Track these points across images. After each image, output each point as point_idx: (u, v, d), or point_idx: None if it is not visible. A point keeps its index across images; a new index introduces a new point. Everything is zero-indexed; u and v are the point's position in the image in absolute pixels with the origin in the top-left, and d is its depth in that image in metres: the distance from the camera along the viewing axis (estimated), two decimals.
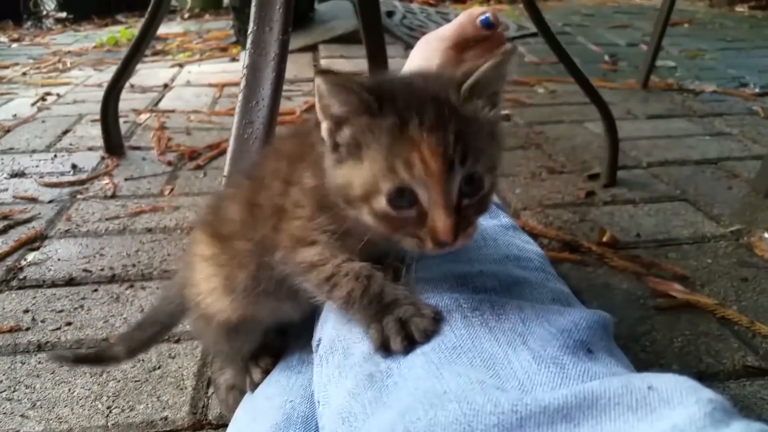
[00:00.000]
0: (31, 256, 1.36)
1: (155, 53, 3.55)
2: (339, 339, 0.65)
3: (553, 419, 0.44)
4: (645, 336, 1.15)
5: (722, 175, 1.87)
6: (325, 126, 0.60)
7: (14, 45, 3.99)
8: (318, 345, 0.69)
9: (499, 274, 0.70)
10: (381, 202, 0.57)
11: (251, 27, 1.19)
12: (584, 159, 1.95)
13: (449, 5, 5.17)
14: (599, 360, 0.55)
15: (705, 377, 1.05)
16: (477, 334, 0.58)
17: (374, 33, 1.77)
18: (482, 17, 1.16)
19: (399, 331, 0.59)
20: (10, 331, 1.10)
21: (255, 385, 0.80)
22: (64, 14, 4.94)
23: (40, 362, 1.04)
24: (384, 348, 0.59)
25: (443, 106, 0.57)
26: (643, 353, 1.11)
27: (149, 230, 1.48)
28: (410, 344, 0.58)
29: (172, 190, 1.70)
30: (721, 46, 3.70)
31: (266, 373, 0.81)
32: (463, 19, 1.19)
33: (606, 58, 3.39)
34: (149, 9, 1.81)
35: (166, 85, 2.83)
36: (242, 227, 0.73)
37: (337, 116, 0.59)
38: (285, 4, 1.18)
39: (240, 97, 1.16)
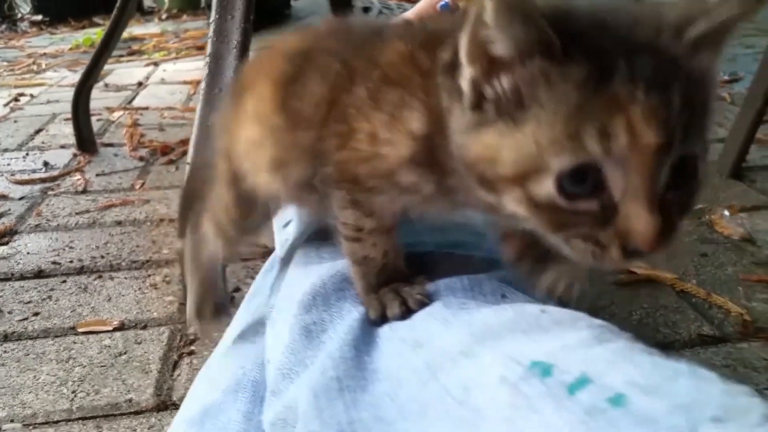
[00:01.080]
0: (0, 250, 1.37)
1: (131, 53, 3.55)
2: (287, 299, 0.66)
3: (454, 358, 0.46)
4: (604, 310, 1.18)
5: None
6: (469, 73, 0.44)
7: None
8: (271, 310, 0.70)
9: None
10: (546, 186, 0.41)
11: (213, 16, 1.21)
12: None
13: None
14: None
15: (661, 346, 1.07)
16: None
17: None
18: (442, 3, 1.19)
19: (396, 297, 0.57)
20: None
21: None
22: (39, 17, 4.92)
23: (5, 351, 1.05)
24: (382, 318, 0.57)
25: (663, 56, 0.41)
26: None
27: (119, 223, 1.49)
28: (407, 310, 0.56)
29: (143, 184, 1.72)
30: None
31: None
32: (422, 5, 1.21)
33: None
34: (116, 8, 1.83)
35: (140, 84, 2.84)
36: (313, 115, 0.59)
37: (499, 57, 0.42)
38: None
39: (203, 84, 1.18)
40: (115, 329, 1.10)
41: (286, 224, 0.90)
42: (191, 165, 1.13)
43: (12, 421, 0.90)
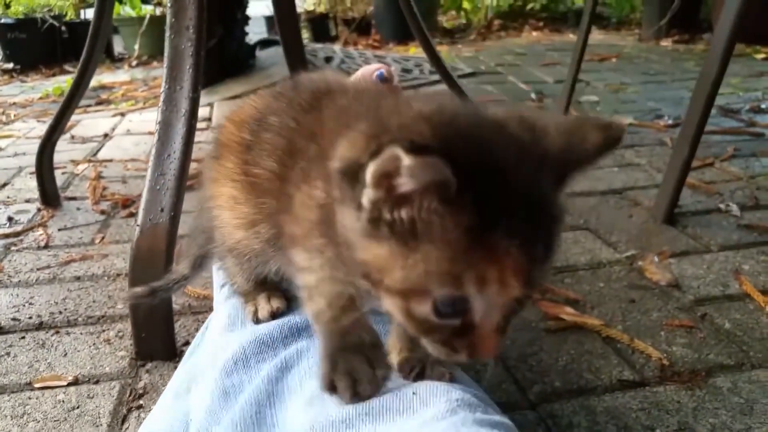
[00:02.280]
0: None
1: (99, 102, 3.63)
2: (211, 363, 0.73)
3: (337, 427, 0.54)
4: (532, 356, 1.26)
5: (625, 204, 2.01)
6: (372, 194, 0.47)
7: None
8: (196, 372, 0.77)
9: None
10: (425, 307, 0.49)
11: (163, 86, 1.29)
12: None
13: (392, 48, 5.35)
14: None
15: (584, 392, 1.16)
16: None
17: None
18: (377, 72, 1.28)
19: (348, 387, 0.59)
20: None
21: (258, 320, 0.81)
22: (11, 65, 4.99)
23: None
24: (330, 389, 0.60)
25: (540, 203, 0.48)
26: (529, 373, 1.21)
27: (78, 278, 1.55)
28: (355, 396, 0.58)
29: (102, 238, 1.78)
30: (643, 80, 3.91)
31: (273, 316, 0.81)
32: (360, 74, 1.31)
33: (532, 95, 3.56)
34: (80, 62, 1.91)
35: (106, 135, 2.91)
36: (270, 185, 0.66)
37: (400, 196, 0.46)
38: (194, 65, 1.29)
39: (153, 150, 1.26)
40: (69, 384, 1.16)
41: (223, 285, 0.97)
42: (140, 228, 1.20)
43: None
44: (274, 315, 0.82)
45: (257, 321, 0.81)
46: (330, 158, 0.51)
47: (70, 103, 1.97)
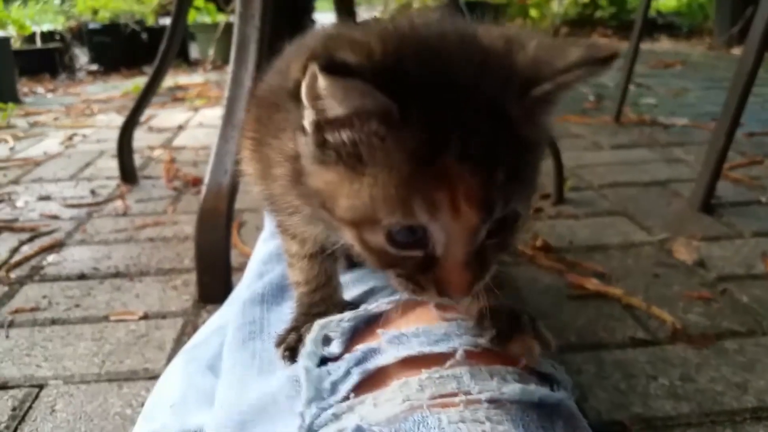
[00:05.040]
0: (50, 258, 1.63)
1: (175, 99, 3.88)
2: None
3: None
4: (552, 317, 1.36)
5: (666, 194, 2.09)
6: (309, 115, 0.45)
7: (49, 95, 4.36)
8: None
9: None
10: (377, 237, 0.45)
11: (231, 67, 1.46)
12: (541, 183, 2.18)
13: None
14: None
15: (596, 347, 1.26)
16: None
17: None
18: None
19: (287, 349, 0.59)
20: (31, 310, 1.36)
21: None
22: (95, 66, 5.36)
23: (53, 331, 1.29)
24: (278, 346, 0.61)
25: (498, 123, 0.43)
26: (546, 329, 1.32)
27: (151, 239, 1.74)
28: (290, 359, 0.58)
29: (174, 209, 1.97)
30: (706, 86, 3.91)
31: None
32: None
33: (590, 97, 3.63)
34: (157, 60, 2.12)
35: (180, 127, 3.14)
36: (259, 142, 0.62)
37: (335, 119, 0.44)
38: (258, 49, 1.45)
39: (221, 122, 1.43)
40: (140, 318, 1.33)
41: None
42: (207, 187, 1.38)
43: (56, 379, 1.14)
44: None
45: None
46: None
47: (146, 95, 2.19)
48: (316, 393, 0.49)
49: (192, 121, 3.27)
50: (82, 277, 1.53)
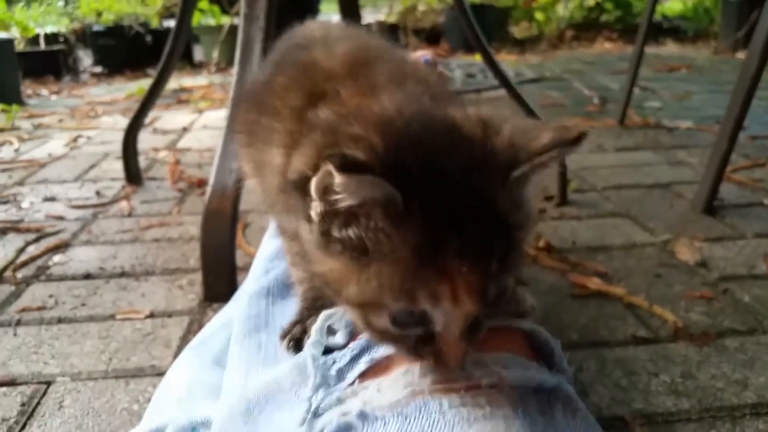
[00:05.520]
0: (56, 258, 1.64)
1: (180, 101, 3.90)
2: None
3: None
4: (554, 316, 1.37)
5: (669, 196, 2.09)
6: (316, 207, 0.47)
7: (54, 97, 4.38)
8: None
9: None
10: (381, 319, 0.48)
11: (235, 67, 1.48)
12: (545, 185, 2.19)
13: (460, 56, 5.50)
14: None
15: (597, 345, 1.27)
16: None
17: None
18: (424, 57, 1.44)
19: (292, 340, 0.61)
20: (38, 309, 1.38)
21: None
22: (99, 69, 5.38)
23: (60, 330, 1.30)
24: (282, 338, 0.63)
25: (489, 213, 0.46)
26: (548, 328, 1.33)
27: (156, 240, 1.76)
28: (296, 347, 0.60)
29: (179, 210, 1.99)
30: (711, 89, 3.92)
31: None
32: None
33: (595, 100, 3.64)
34: (161, 62, 2.14)
35: (185, 128, 3.16)
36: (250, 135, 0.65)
37: (343, 211, 0.46)
38: (262, 49, 1.46)
39: (225, 124, 1.44)
40: (146, 317, 1.35)
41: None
42: (212, 187, 1.39)
43: (63, 375, 1.15)
44: None
45: None
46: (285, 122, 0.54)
47: (151, 96, 2.20)
48: (322, 380, 0.50)
49: (196, 123, 3.29)
50: (88, 276, 1.54)
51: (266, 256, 0.90)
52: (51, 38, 5.36)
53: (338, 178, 0.42)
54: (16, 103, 3.69)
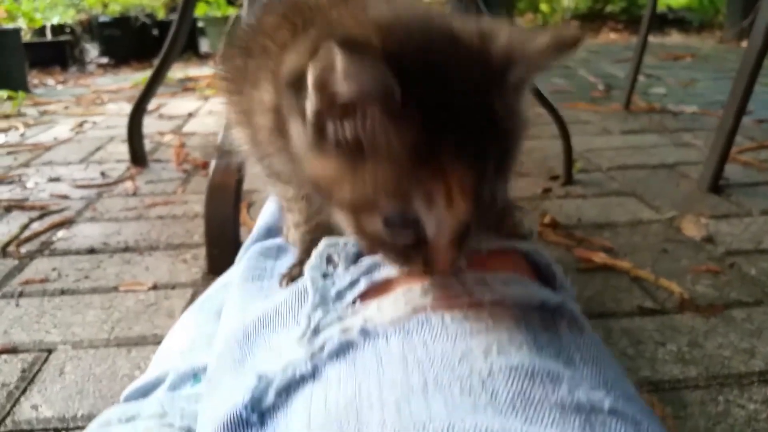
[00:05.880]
0: (60, 233, 1.64)
1: (185, 89, 3.90)
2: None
3: None
4: None
5: (674, 176, 2.08)
6: (314, 103, 0.45)
7: (60, 86, 4.38)
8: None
9: None
10: (374, 223, 0.47)
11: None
12: (551, 165, 2.18)
13: None
14: None
15: (604, 316, 1.26)
16: None
17: None
18: None
19: (291, 278, 0.60)
20: (41, 281, 1.38)
21: None
22: (105, 60, 5.38)
23: (62, 301, 1.30)
24: (280, 284, 0.61)
25: (486, 115, 0.45)
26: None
27: (160, 217, 1.75)
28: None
29: (183, 190, 1.99)
30: (715, 76, 3.89)
31: None
32: None
33: (600, 87, 3.62)
34: (167, 43, 2.13)
35: (190, 114, 3.16)
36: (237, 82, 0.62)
37: (341, 101, 0.44)
38: None
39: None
40: (150, 289, 1.34)
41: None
42: (215, 162, 1.39)
43: (65, 344, 1.15)
44: None
45: None
46: (276, 57, 0.52)
47: (159, 72, 2.20)
48: (322, 299, 0.49)
49: (202, 109, 3.29)
50: (91, 251, 1.54)
51: (268, 217, 0.90)
52: (57, 29, 5.36)
53: (339, 59, 0.40)
54: (23, 91, 3.69)
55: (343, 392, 0.42)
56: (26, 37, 4.91)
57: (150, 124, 2.65)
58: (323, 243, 0.54)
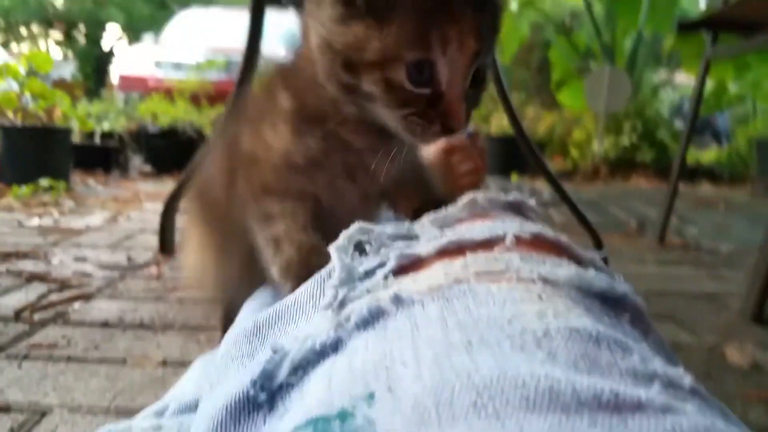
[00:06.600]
0: (77, 305, 1.60)
1: None
2: None
3: None
4: None
5: (714, 305, 1.99)
6: None
7: (100, 187, 4.49)
8: None
9: None
10: (399, 73, 0.54)
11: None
12: None
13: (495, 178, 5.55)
14: None
15: None
16: None
17: None
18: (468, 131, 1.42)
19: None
20: (49, 347, 1.32)
21: None
22: (148, 168, 5.54)
23: (68, 367, 1.24)
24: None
25: None
26: None
27: (180, 301, 1.70)
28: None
29: None
30: (748, 222, 3.85)
31: None
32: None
33: (632, 224, 3.58)
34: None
35: None
36: (225, 202, 0.69)
37: None
38: None
39: None
40: (158, 364, 1.27)
41: None
42: None
43: (61, 407, 1.08)
44: None
45: None
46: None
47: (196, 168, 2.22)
48: (349, 276, 0.43)
49: None
50: (105, 324, 1.49)
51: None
52: (107, 135, 5.56)
53: None
54: (65, 182, 3.77)
55: (371, 355, 0.35)
56: (76, 139, 5.09)
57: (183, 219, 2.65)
58: (354, 227, 0.49)
